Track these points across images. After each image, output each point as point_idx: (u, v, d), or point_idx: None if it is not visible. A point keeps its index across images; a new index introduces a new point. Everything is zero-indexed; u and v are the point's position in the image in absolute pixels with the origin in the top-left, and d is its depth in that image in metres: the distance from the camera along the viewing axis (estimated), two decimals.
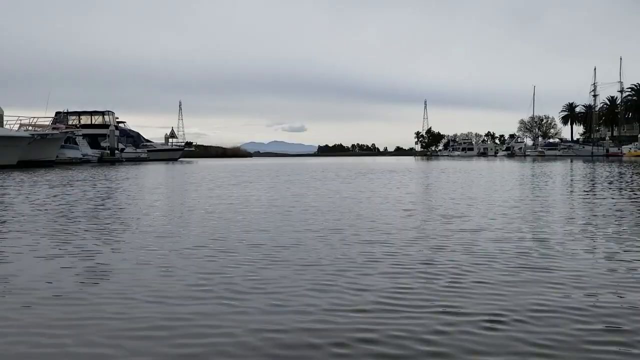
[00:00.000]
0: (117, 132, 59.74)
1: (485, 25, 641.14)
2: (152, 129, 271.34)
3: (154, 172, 28.40)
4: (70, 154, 46.53)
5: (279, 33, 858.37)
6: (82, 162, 47.38)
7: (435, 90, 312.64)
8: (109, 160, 54.15)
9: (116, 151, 57.35)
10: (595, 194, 11.70)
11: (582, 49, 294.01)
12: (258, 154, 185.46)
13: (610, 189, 13.33)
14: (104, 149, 56.81)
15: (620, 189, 13.34)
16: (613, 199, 10.56)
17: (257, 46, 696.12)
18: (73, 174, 24.76)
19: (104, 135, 58.07)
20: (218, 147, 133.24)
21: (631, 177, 18.76)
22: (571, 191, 12.96)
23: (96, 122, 61.91)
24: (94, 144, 57.64)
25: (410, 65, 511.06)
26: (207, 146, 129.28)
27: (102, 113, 62.48)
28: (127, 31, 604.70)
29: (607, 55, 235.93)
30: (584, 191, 12.77)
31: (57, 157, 41.11)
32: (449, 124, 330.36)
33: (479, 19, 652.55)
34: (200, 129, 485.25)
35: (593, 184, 15.26)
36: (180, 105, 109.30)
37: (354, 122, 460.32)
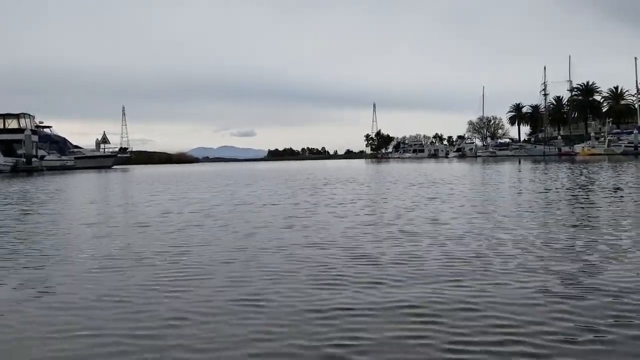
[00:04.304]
0: (35, 137, 53.13)
1: (432, 25, 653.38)
2: (94, 136, 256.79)
3: (64, 186, 23.23)
4: None
5: (225, 37, 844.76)
6: None
7: (383, 92, 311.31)
8: (25, 169, 47.72)
9: (34, 159, 50.88)
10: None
11: (531, 49, 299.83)
12: (207, 160, 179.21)
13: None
14: (21, 156, 50.28)
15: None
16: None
17: (204, 51, 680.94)
18: None
19: (20, 141, 51.43)
20: (162, 152, 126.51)
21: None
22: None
23: (10, 127, 54.88)
24: (8, 151, 51.04)
25: (359, 67, 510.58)
26: (151, 152, 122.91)
27: (17, 116, 55.28)
28: (68, 38, 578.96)
29: (557, 54, 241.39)
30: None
31: None
32: (397, 126, 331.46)
33: (425, 19, 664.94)
34: (147, 135, 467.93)
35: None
36: (123, 110, 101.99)
37: (304, 126, 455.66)
